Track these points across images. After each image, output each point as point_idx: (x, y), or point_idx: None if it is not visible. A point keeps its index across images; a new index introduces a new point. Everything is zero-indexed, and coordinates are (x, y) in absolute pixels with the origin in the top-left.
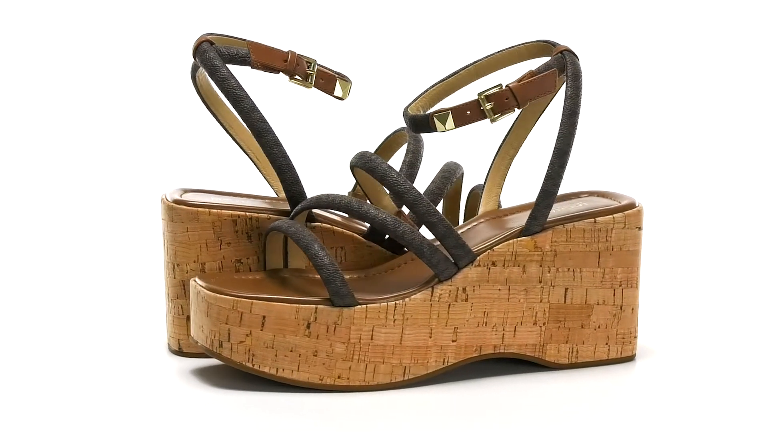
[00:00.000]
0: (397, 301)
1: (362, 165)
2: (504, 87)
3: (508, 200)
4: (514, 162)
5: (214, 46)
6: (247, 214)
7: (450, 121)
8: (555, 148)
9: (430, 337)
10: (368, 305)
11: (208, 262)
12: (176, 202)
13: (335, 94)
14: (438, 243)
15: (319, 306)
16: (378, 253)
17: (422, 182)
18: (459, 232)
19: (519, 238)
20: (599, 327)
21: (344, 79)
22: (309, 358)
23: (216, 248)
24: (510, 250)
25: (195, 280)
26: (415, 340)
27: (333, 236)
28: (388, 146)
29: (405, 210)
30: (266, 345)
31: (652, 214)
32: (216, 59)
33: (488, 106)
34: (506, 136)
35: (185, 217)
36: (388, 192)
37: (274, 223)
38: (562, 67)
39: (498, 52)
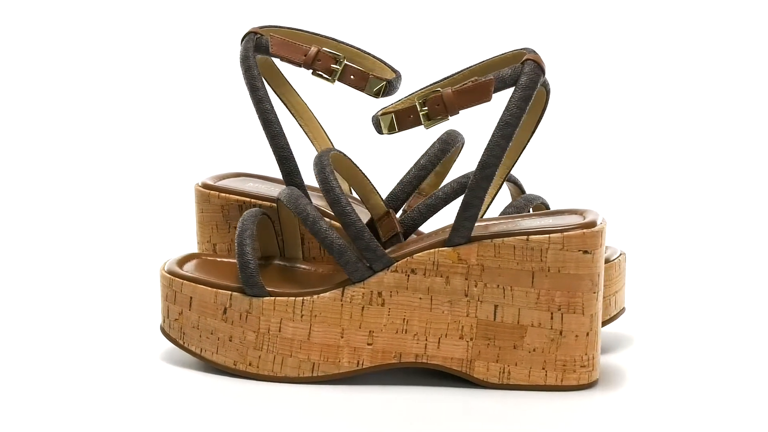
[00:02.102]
0: (305, 297)
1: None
2: (439, 92)
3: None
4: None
5: (256, 36)
6: (252, 200)
7: (392, 124)
8: (480, 160)
9: (342, 337)
10: (276, 298)
11: (219, 243)
12: (202, 185)
13: (366, 91)
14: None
15: (233, 293)
16: None
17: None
18: (434, 232)
19: (441, 249)
20: (534, 350)
21: (378, 77)
22: (226, 343)
23: (225, 230)
24: (431, 259)
25: (168, 260)
26: (324, 337)
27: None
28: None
29: (402, 210)
30: (193, 325)
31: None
32: (250, 50)
33: (423, 111)
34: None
35: (200, 198)
36: (376, 191)
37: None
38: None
39: (491, 58)
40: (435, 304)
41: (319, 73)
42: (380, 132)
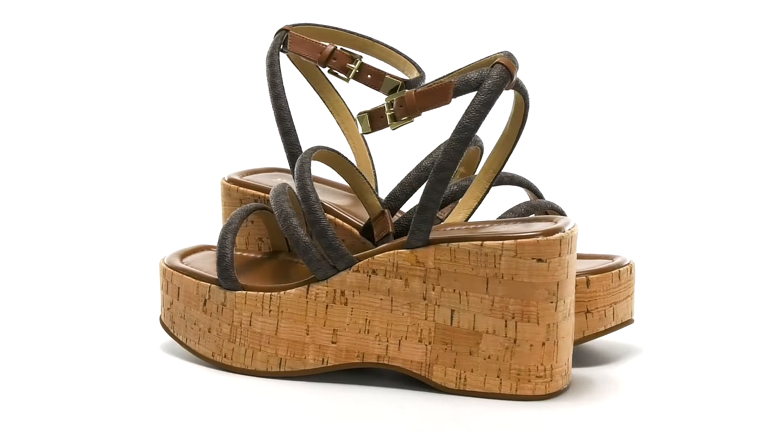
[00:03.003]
0: (273, 293)
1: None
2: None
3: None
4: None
5: (286, 34)
6: (267, 195)
7: (366, 124)
8: (436, 163)
9: (308, 334)
10: (248, 292)
11: (238, 236)
12: (228, 179)
13: (382, 90)
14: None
15: (212, 285)
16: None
17: None
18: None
19: (400, 251)
20: (489, 357)
21: (393, 78)
22: (206, 334)
23: (243, 224)
24: (391, 261)
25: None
26: (291, 333)
27: (335, 228)
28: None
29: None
30: (180, 315)
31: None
32: (276, 47)
33: (390, 112)
34: (492, 152)
35: (223, 192)
36: (372, 190)
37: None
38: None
39: (473, 62)
40: (395, 306)
41: (335, 71)
42: (361, 132)
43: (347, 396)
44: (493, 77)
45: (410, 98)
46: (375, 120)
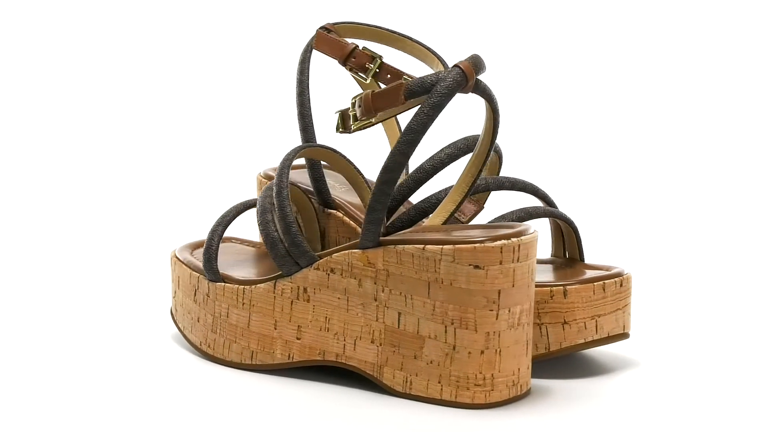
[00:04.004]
0: (246, 286)
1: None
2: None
3: None
4: None
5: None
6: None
7: (339, 123)
8: (383, 164)
9: (275, 329)
10: (226, 285)
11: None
12: (263, 174)
13: None
14: None
15: (200, 276)
16: None
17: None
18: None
19: (353, 250)
20: (432, 362)
21: (411, 78)
22: (195, 323)
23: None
24: (346, 260)
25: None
26: (261, 327)
27: (343, 225)
28: None
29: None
30: (180, 303)
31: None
32: (310, 45)
33: (353, 112)
34: (471, 157)
35: (258, 187)
36: (369, 188)
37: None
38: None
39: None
40: (351, 306)
41: (355, 70)
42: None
43: (305, 392)
44: (446, 80)
45: (367, 99)
46: (345, 120)
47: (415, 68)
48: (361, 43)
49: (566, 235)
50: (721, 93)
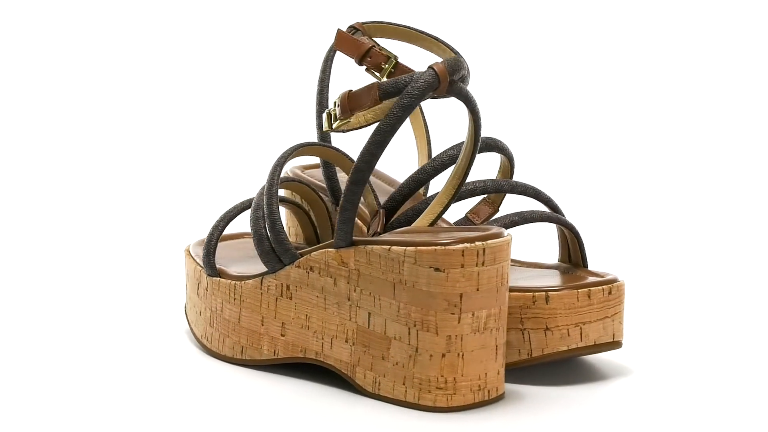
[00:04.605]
0: (237, 282)
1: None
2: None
3: None
4: None
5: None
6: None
7: (328, 123)
8: (354, 165)
9: (262, 325)
10: (221, 280)
11: (291, 226)
12: (291, 172)
13: None
14: None
15: (202, 270)
16: None
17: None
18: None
19: (328, 249)
20: (397, 364)
21: None
22: (198, 316)
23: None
24: (323, 259)
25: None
26: (250, 323)
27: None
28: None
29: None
30: (189, 297)
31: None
32: (333, 45)
33: (334, 111)
34: (458, 160)
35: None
36: (371, 189)
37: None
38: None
39: None
40: (327, 304)
41: (371, 69)
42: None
43: (283, 388)
44: (417, 82)
45: (343, 98)
46: (329, 120)
47: None
48: (390, 43)
49: (569, 241)
50: (722, 100)
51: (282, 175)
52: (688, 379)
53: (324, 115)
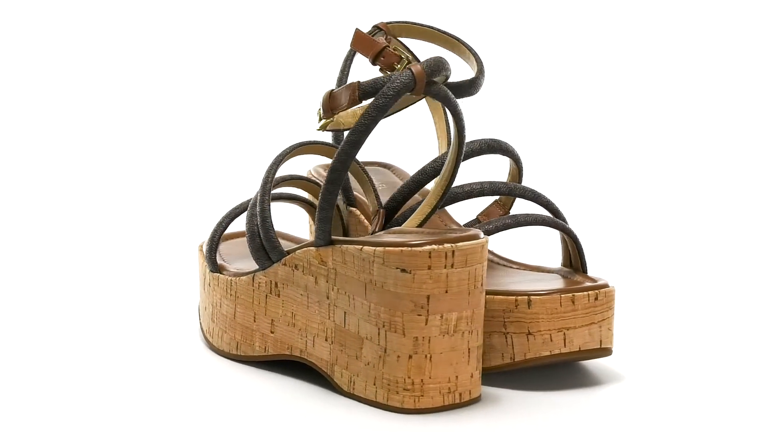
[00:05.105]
0: (232, 278)
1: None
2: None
3: None
4: None
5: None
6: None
7: (318, 120)
8: (330, 165)
9: (254, 321)
10: (220, 275)
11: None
12: (313, 170)
13: None
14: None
15: (207, 266)
16: None
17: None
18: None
19: (309, 248)
20: (369, 364)
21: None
22: (203, 311)
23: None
24: (306, 258)
25: None
26: (243, 319)
27: (360, 225)
28: None
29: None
30: (200, 292)
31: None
32: None
33: (319, 111)
34: (446, 162)
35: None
36: (372, 189)
37: None
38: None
39: None
40: (310, 303)
41: (384, 69)
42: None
43: (269, 384)
44: (394, 83)
45: (325, 98)
46: (318, 118)
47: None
48: (416, 44)
49: (569, 245)
50: (723, 106)
51: (311, 171)
52: (675, 387)
53: (317, 113)
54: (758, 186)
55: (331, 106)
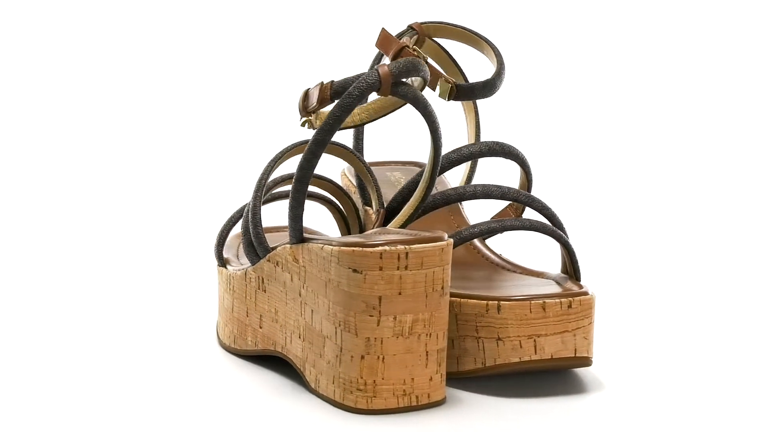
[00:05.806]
0: (230, 273)
1: None
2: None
3: None
4: None
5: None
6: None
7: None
8: (298, 164)
9: (247, 316)
10: (222, 269)
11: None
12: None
13: (437, 92)
14: None
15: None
16: None
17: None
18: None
19: (285, 245)
20: (329, 362)
21: (447, 81)
22: (218, 304)
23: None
24: (283, 255)
25: None
26: (239, 313)
27: (371, 223)
28: None
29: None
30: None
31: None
32: None
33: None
34: (428, 161)
35: (340, 182)
36: (374, 188)
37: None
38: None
39: None
40: (288, 299)
41: None
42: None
43: (254, 377)
44: (360, 83)
45: (301, 98)
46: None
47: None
48: (450, 43)
49: (561, 251)
50: (723, 112)
51: (345, 171)
52: (655, 398)
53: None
54: (753, 198)
55: (303, 105)
